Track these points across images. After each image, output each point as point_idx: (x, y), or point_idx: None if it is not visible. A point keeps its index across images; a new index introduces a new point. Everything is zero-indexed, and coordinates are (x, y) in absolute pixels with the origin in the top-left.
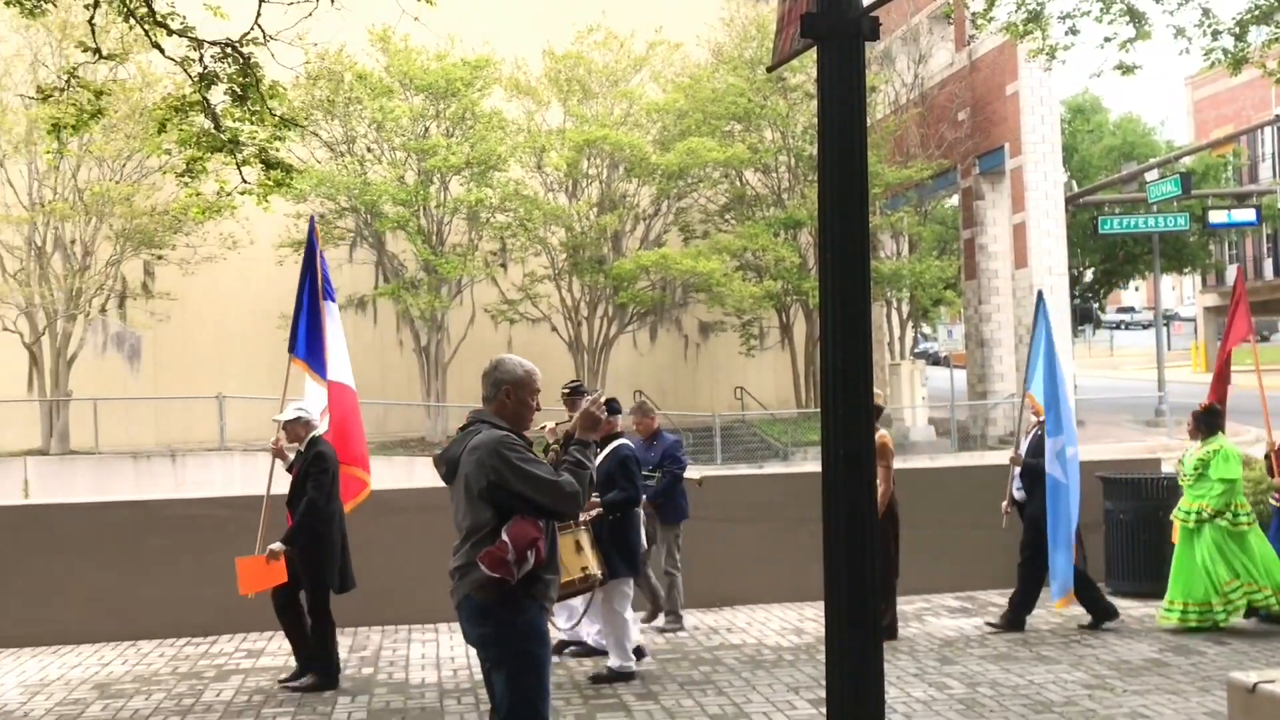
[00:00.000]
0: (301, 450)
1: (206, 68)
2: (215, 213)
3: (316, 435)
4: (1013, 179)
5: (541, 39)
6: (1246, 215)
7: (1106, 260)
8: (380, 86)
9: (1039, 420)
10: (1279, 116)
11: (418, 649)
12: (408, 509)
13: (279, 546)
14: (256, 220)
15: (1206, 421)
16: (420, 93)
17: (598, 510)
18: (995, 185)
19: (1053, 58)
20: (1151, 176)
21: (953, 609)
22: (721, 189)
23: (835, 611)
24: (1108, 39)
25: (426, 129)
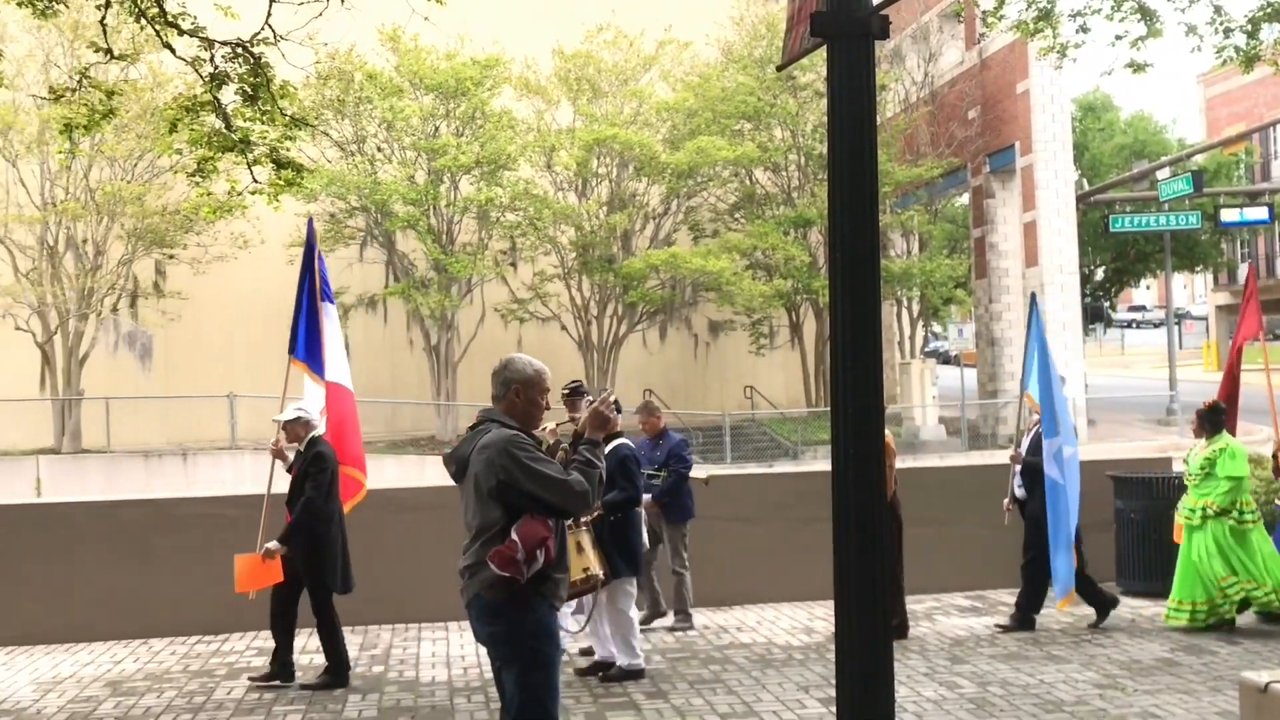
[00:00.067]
0: (301, 450)
1: (217, 68)
2: (226, 212)
3: (316, 435)
4: (1023, 177)
5: (551, 38)
6: (1259, 213)
7: (1118, 259)
8: (390, 86)
9: (1039, 419)
10: None
11: (428, 647)
12: (418, 508)
13: (275, 545)
14: (267, 220)
15: (1211, 420)
16: (430, 92)
17: (598, 511)
18: (1006, 184)
19: (1063, 56)
20: (1163, 174)
21: (963, 608)
22: (731, 188)
23: (845, 610)
24: (1119, 37)
25: (436, 128)
